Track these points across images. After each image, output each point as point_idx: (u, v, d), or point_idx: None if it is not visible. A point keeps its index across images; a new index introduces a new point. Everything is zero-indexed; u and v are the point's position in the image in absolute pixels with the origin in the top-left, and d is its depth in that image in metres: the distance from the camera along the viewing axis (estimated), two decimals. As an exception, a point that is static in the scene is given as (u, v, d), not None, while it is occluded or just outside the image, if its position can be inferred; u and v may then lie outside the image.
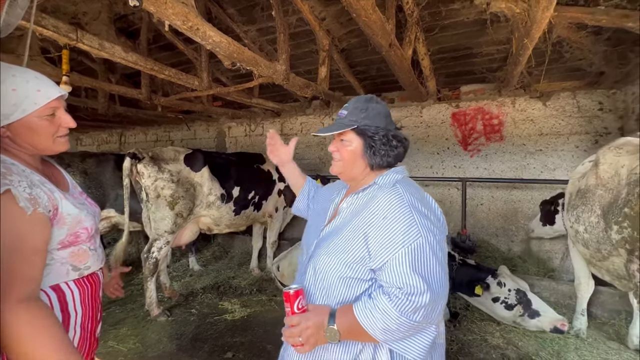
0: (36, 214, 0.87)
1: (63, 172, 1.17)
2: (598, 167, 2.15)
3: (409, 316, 0.88)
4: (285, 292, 0.99)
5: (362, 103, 1.10)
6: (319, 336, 0.95)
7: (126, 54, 2.44)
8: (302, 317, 0.96)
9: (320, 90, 3.36)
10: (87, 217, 1.04)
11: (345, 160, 1.11)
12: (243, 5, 2.89)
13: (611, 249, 2.01)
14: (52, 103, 0.96)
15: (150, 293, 3.04)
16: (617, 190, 1.94)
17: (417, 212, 0.95)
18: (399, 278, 0.90)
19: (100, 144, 8.32)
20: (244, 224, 3.84)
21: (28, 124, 0.94)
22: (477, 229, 4.19)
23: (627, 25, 2.12)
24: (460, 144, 4.29)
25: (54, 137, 1.00)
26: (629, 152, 1.97)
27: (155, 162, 3.00)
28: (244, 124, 5.99)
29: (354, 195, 1.11)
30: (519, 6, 2.03)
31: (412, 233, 0.91)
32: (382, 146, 1.07)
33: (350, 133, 1.09)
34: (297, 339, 0.95)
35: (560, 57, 3.07)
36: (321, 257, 1.05)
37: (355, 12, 1.86)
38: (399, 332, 0.91)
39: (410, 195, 0.99)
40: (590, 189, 2.19)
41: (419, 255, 0.90)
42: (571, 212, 2.41)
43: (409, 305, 0.88)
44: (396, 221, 0.93)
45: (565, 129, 3.76)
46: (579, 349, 2.53)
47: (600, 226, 2.06)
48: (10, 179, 0.85)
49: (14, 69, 0.93)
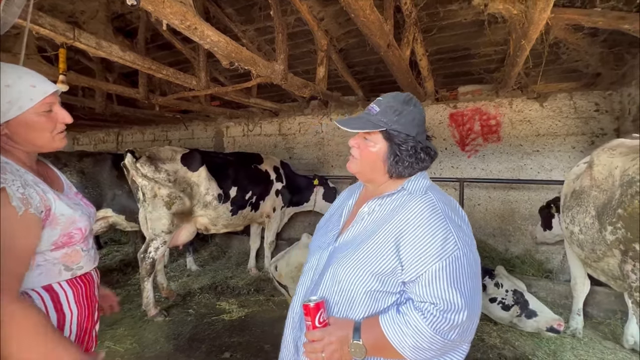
0: (27, 214, 0.86)
1: (58, 172, 1.16)
2: (592, 168, 2.16)
3: (444, 335, 0.82)
4: (305, 304, 0.91)
5: (398, 103, 0.99)
6: (343, 352, 0.88)
7: (124, 53, 2.43)
8: (324, 331, 0.89)
9: (318, 90, 3.36)
10: (81, 217, 1.03)
11: (363, 160, 1.03)
12: (241, 4, 2.89)
13: (606, 249, 2.02)
14: (48, 99, 0.96)
15: (147, 293, 3.03)
16: (611, 191, 1.95)
17: (452, 223, 0.89)
18: (435, 293, 0.83)
19: (97, 144, 8.28)
20: (241, 224, 3.83)
21: (26, 121, 0.93)
22: (475, 229, 4.17)
23: (623, 27, 2.13)
24: (458, 144, 4.30)
25: (53, 133, 0.99)
26: (622, 153, 1.98)
27: (151, 161, 2.99)
28: (242, 123, 5.98)
29: (377, 200, 1.02)
30: (516, 7, 2.04)
31: (449, 245, 0.85)
32: (407, 157, 0.98)
33: (376, 134, 1.00)
34: (320, 354, 0.88)
35: (557, 59, 3.09)
36: (345, 267, 0.95)
37: (353, 12, 1.86)
38: (430, 351, 0.84)
39: (444, 204, 0.93)
40: (585, 190, 2.21)
41: (456, 269, 0.84)
42: (566, 213, 2.43)
43: (444, 324, 0.82)
44: (432, 232, 0.86)
45: (562, 130, 3.78)
46: (575, 349, 2.54)
47: (595, 227, 2.07)
48: (5, 178, 0.84)
49: (6, 66, 0.93)
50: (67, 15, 2.60)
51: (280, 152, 5.53)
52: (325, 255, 1.05)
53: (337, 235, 1.07)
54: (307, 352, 0.92)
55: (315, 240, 1.17)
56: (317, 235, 1.19)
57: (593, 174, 2.14)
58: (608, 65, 3.00)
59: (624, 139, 2.15)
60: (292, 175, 4.42)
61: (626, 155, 1.93)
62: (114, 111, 4.70)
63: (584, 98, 3.68)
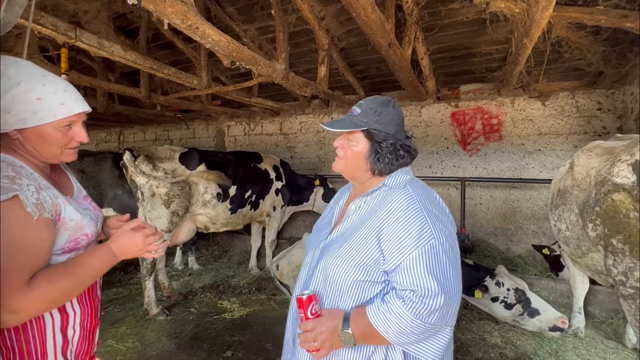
0: (41, 219, 0.87)
1: (70, 175, 1.16)
2: (573, 169, 2.31)
3: (424, 319, 0.87)
4: (299, 297, 0.98)
5: (377, 105, 1.07)
6: (334, 340, 0.95)
7: (125, 53, 2.43)
8: (316, 322, 0.96)
9: (319, 89, 3.36)
10: (89, 223, 1.03)
11: (347, 159, 1.10)
12: (242, 4, 2.89)
13: (590, 245, 2.13)
14: (71, 117, 0.95)
15: (148, 292, 3.04)
16: (588, 190, 2.08)
17: (429, 213, 0.94)
18: (413, 280, 0.89)
19: (99, 143, 8.30)
20: (240, 222, 3.84)
21: (41, 133, 0.93)
22: (476, 229, 4.20)
23: (625, 25, 2.12)
24: (460, 143, 4.29)
25: (63, 148, 0.98)
26: (597, 154, 2.13)
27: (149, 160, 2.99)
28: (243, 123, 5.98)
29: (362, 198, 1.09)
30: (518, 6, 2.03)
31: (425, 234, 0.91)
32: (388, 154, 1.05)
33: (358, 133, 1.07)
34: (312, 344, 0.95)
35: (559, 57, 3.08)
36: (332, 261, 1.02)
37: (354, 11, 1.86)
38: (413, 335, 0.90)
39: (422, 196, 0.98)
40: (568, 190, 2.34)
41: (432, 256, 0.90)
42: (554, 212, 2.54)
43: (423, 308, 0.87)
44: (409, 223, 0.93)
45: (564, 129, 3.77)
46: (577, 348, 2.54)
47: (579, 224, 2.20)
48: (20, 183, 0.85)
49: (48, 79, 0.92)
50: (70, 14, 2.61)
51: (281, 152, 5.53)
52: (317, 252, 1.12)
53: (328, 233, 1.14)
54: (300, 342, 0.98)
55: (311, 239, 1.24)
56: (312, 234, 1.26)
57: (574, 174, 2.29)
58: (610, 63, 2.99)
59: (601, 141, 2.31)
60: (292, 175, 4.42)
61: (601, 156, 2.08)
62: (115, 111, 4.71)
63: (586, 97, 3.66)
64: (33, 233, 0.86)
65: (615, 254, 1.87)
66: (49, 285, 0.86)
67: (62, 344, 0.96)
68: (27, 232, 0.85)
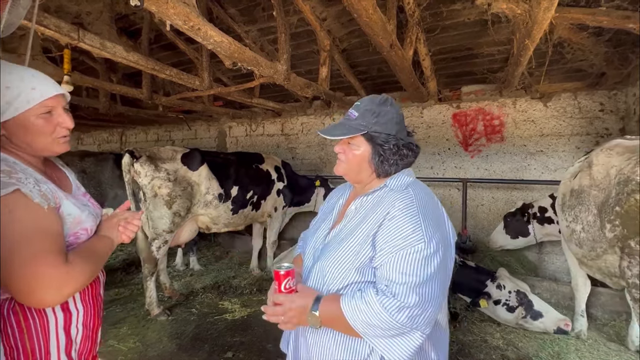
0: (50, 207, 0.89)
1: (67, 172, 1.16)
2: (591, 168, 2.24)
3: (392, 314, 0.87)
4: (276, 270, 0.99)
5: (375, 106, 1.05)
6: (301, 319, 0.97)
7: (127, 54, 2.44)
8: (287, 297, 0.98)
9: (321, 90, 3.36)
10: (88, 217, 1.03)
11: (350, 163, 1.08)
12: (244, 5, 2.90)
13: (606, 247, 2.08)
14: (48, 101, 0.94)
15: (150, 292, 3.05)
16: (608, 190, 2.02)
17: (425, 217, 0.94)
18: (390, 275, 0.91)
19: (101, 144, 8.33)
20: (242, 223, 3.84)
21: (23, 123, 0.92)
22: (478, 230, 4.18)
23: (628, 26, 2.11)
24: (461, 144, 4.29)
25: (52, 137, 0.97)
26: (618, 153, 2.07)
27: (151, 161, 3.01)
28: (244, 123, 5.99)
29: (363, 198, 1.08)
30: (520, 7, 2.03)
31: (415, 236, 0.91)
32: (391, 155, 1.04)
33: (359, 137, 1.05)
34: (279, 317, 0.98)
35: (561, 58, 3.07)
36: (328, 263, 1.02)
37: (356, 12, 1.86)
38: (379, 329, 0.89)
39: (422, 200, 0.98)
40: (585, 190, 2.27)
41: (415, 259, 0.90)
42: (568, 212, 2.45)
43: (393, 303, 0.87)
44: (403, 223, 0.93)
45: (566, 130, 3.75)
46: (579, 350, 2.52)
47: (597, 225, 2.14)
48: (18, 177, 0.85)
49: (11, 67, 0.92)
50: (73, 16, 2.62)
51: (282, 152, 5.53)
52: (317, 253, 1.11)
53: (327, 233, 1.13)
54: (268, 314, 1.00)
55: (308, 239, 1.22)
56: (309, 234, 1.24)
57: (592, 174, 2.22)
58: (613, 64, 2.97)
59: (622, 139, 2.22)
60: (293, 175, 4.43)
61: (622, 155, 2.02)
62: (117, 111, 4.72)
63: (588, 98, 3.65)
64: (51, 219, 0.88)
65: (632, 256, 1.83)
66: (84, 262, 0.92)
67: (65, 342, 0.96)
68: (44, 220, 0.86)
